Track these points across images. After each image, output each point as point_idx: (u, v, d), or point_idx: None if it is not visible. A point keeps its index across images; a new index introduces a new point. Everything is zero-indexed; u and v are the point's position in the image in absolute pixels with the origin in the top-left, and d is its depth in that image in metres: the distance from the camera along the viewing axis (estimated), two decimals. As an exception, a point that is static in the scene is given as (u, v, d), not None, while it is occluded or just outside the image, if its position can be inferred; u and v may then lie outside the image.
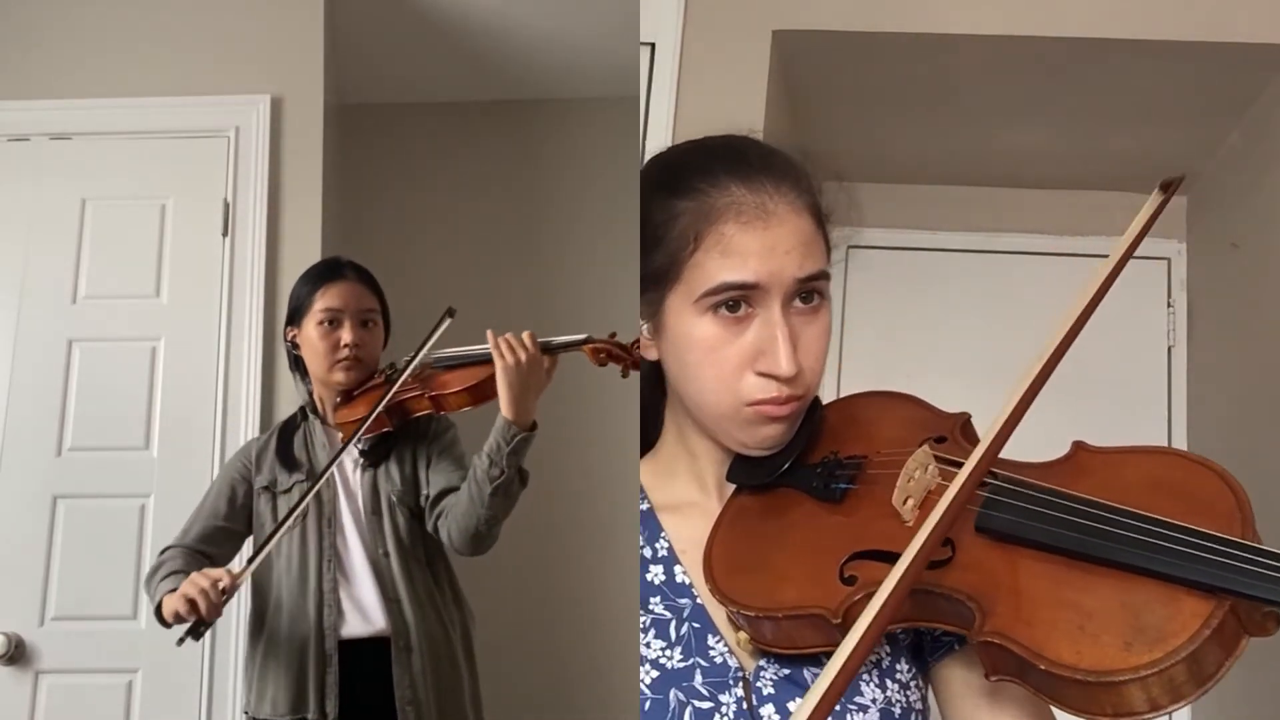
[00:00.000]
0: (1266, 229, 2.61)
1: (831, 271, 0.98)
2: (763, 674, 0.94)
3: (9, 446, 2.42)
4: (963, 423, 1.00)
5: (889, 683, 0.95)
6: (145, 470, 2.41)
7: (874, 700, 0.93)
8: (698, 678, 0.93)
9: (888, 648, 0.97)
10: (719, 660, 0.94)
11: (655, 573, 1.00)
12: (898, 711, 0.94)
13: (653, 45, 2.46)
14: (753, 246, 0.92)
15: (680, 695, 0.92)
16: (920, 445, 0.94)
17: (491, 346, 1.61)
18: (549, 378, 1.63)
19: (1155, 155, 2.93)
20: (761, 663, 0.94)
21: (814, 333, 0.96)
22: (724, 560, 0.97)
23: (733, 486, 1.03)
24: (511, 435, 1.61)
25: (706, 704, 0.92)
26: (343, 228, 2.76)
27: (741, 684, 0.93)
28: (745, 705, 0.92)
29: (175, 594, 1.60)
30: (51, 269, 2.51)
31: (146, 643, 2.32)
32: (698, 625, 0.96)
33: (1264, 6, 2.34)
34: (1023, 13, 2.42)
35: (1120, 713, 0.75)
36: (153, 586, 1.72)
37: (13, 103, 2.59)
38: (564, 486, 2.68)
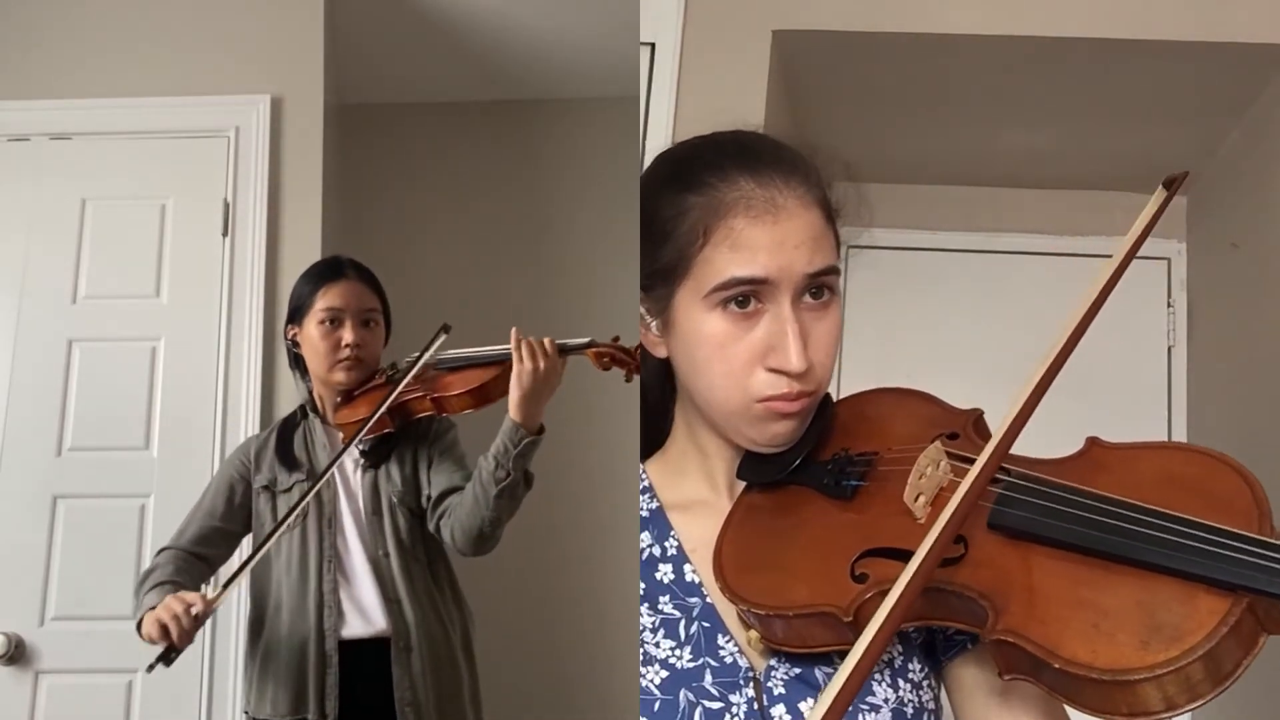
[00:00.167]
0: (1266, 229, 2.61)
1: (841, 267, 0.97)
2: (773, 674, 0.93)
3: (9, 446, 2.42)
4: (975, 419, 0.99)
5: (901, 682, 0.94)
6: (145, 470, 2.41)
7: (886, 700, 0.92)
8: (708, 677, 0.93)
9: (900, 646, 0.96)
10: (729, 660, 0.94)
11: (664, 572, 0.99)
12: (910, 711, 0.93)
13: (653, 45, 2.46)
14: (762, 241, 0.91)
15: (690, 695, 0.91)
16: (932, 442, 0.92)
17: (513, 346, 1.59)
18: (559, 382, 1.63)
19: (1155, 155, 2.93)
20: (772, 662, 0.94)
21: (824, 328, 0.94)
22: (734, 558, 0.96)
23: (743, 484, 1.02)
24: (519, 438, 1.61)
25: (717, 704, 0.91)
26: (343, 228, 2.75)
27: (752, 684, 0.93)
28: (756, 706, 0.92)
29: (150, 615, 1.59)
30: (51, 269, 2.51)
31: (146, 644, 2.32)
32: (707, 625, 0.96)
33: (1264, 6, 2.34)
34: (1023, 13, 2.42)
35: (1136, 712, 0.74)
36: (140, 597, 1.71)
37: (13, 103, 2.59)
38: (564, 487, 2.68)
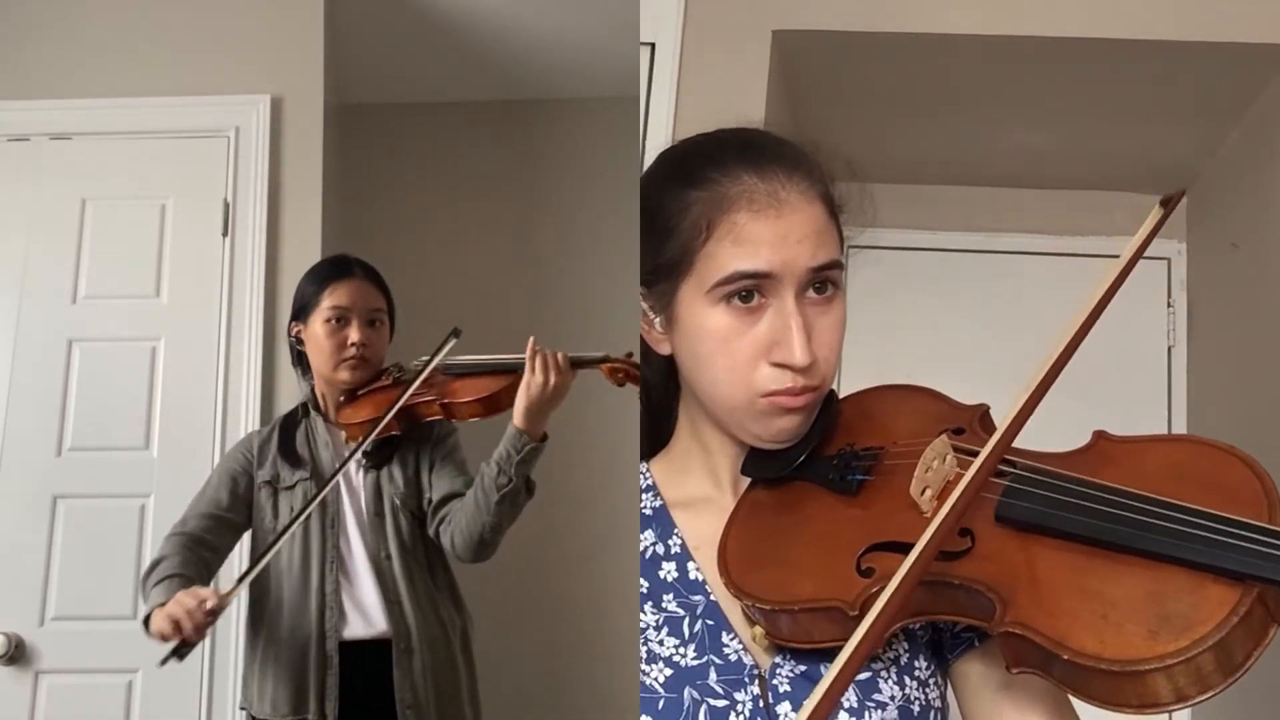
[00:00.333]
0: (1266, 229, 2.61)
1: (845, 262, 0.97)
2: (779, 671, 0.93)
3: (9, 446, 2.42)
4: (981, 414, 0.99)
5: (908, 680, 0.94)
6: (145, 470, 2.41)
7: (892, 697, 0.92)
8: (712, 675, 0.92)
9: (906, 644, 0.95)
10: (734, 658, 0.93)
11: (668, 570, 0.99)
12: (916, 709, 0.93)
13: (653, 45, 2.46)
14: (765, 235, 0.91)
15: (694, 693, 0.91)
16: (938, 436, 0.92)
17: (528, 356, 1.59)
18: (566, 394, 1.63)
19: (1155, 155, 2.93)
20: (777, 660, 0.93)
21: (828, 323, 0.94)
22: (739, 554, 0.95)
23: (747, 482, 1.02)
24: (523, 445, 1.61)
25: (722, 702, 0.91)
26: (343, 228, 2.75)
27: (757, 681, 0.92)
28: (762, 703, 0.91)
29: (161, 611, 1.58)
30: (51, 269, 2.51)
31: (146, 643, 2.29)
32: (711, 622, 0.95)
33: (1264, 6, 2.34)
34: (1023, 13, 2.42)
35: (1146, 703, 0.73)
36: (147, 588, 1.70)
37: (13, 103, 2.58)
38: (563, 488, 2.67)
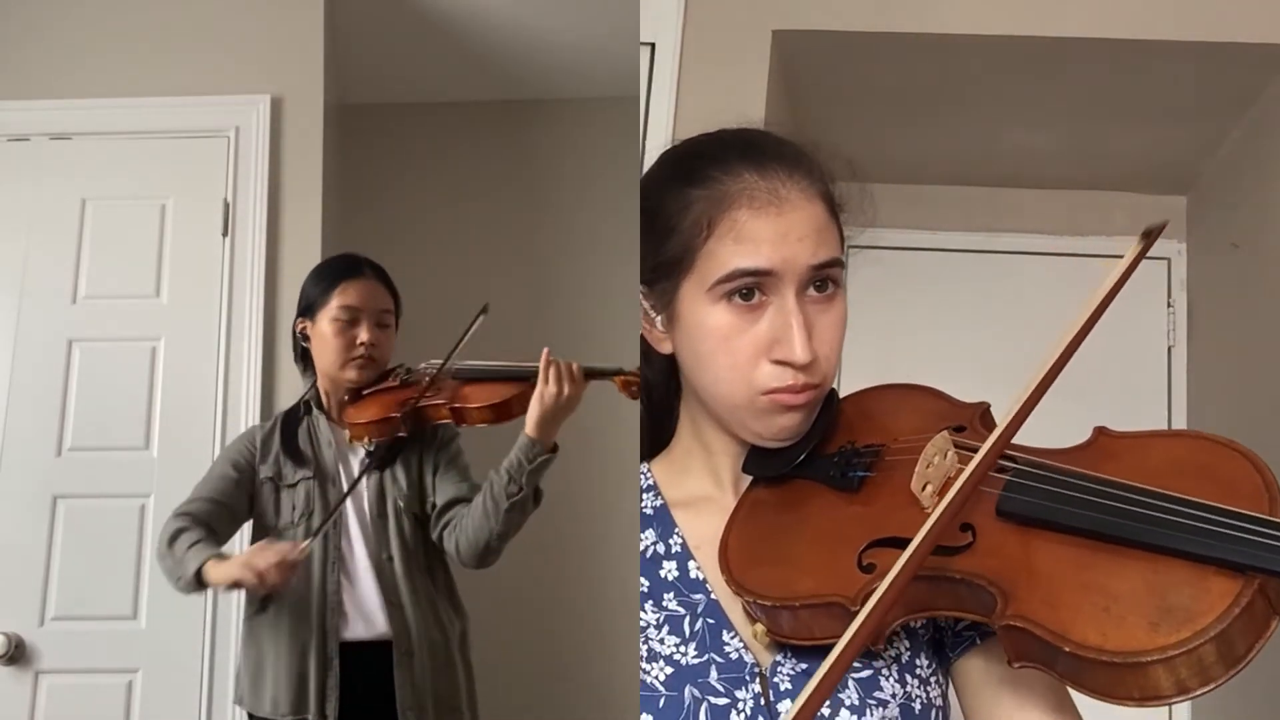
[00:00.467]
0: (1266, 229, 2.61)
1: (845, 261, 0.97)
2: (780, 669, 0.93)
3: (9, 446, 2.41)
4: (982, 412, 0.99)
5: (909, 678, 0.94)
6: (145, 470, 2.40)
7: (894, 695, 0.92)
8: (713, 674, 0.92)
9: (907, 642, 0.96)
10: (734, 656, 0.94)
11: (668, 569, 0.99)
12: (918, 707, 0.93)
13: (653, 45, 2.46)
14: (765, 233, 0.92)
15: (695, 691, 0.91)
16: (939, 433, 0.92)
17: (542, 366, 1.60)
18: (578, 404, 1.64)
19: (1155, 155, 2.93)
20: (778, 658, 0.94)
21: (829, 321, 0.95)
22: (740, 552, 0.96)
23: (748, 481, 1.02)
24: (535, 454, 1.62)
25: (723, 700, 0.91)
26: (343, 228, 2.75)
27: (758, 679, 0.92)
28: (763, 701, 0.91)
29: (234, 563, 1.59)
30: (51, 269, 2.51)
31: (146, 643, 2.32)
32: (712, 621, 0.96)
33: (1264, 6, 2.35)
34: (1023, 13, 2.42)
35: (1148, 695, 0.73)
36: (178, 554, 1.67)
37: (13, 103, 2.58)
38: (563, 491, 2.65)
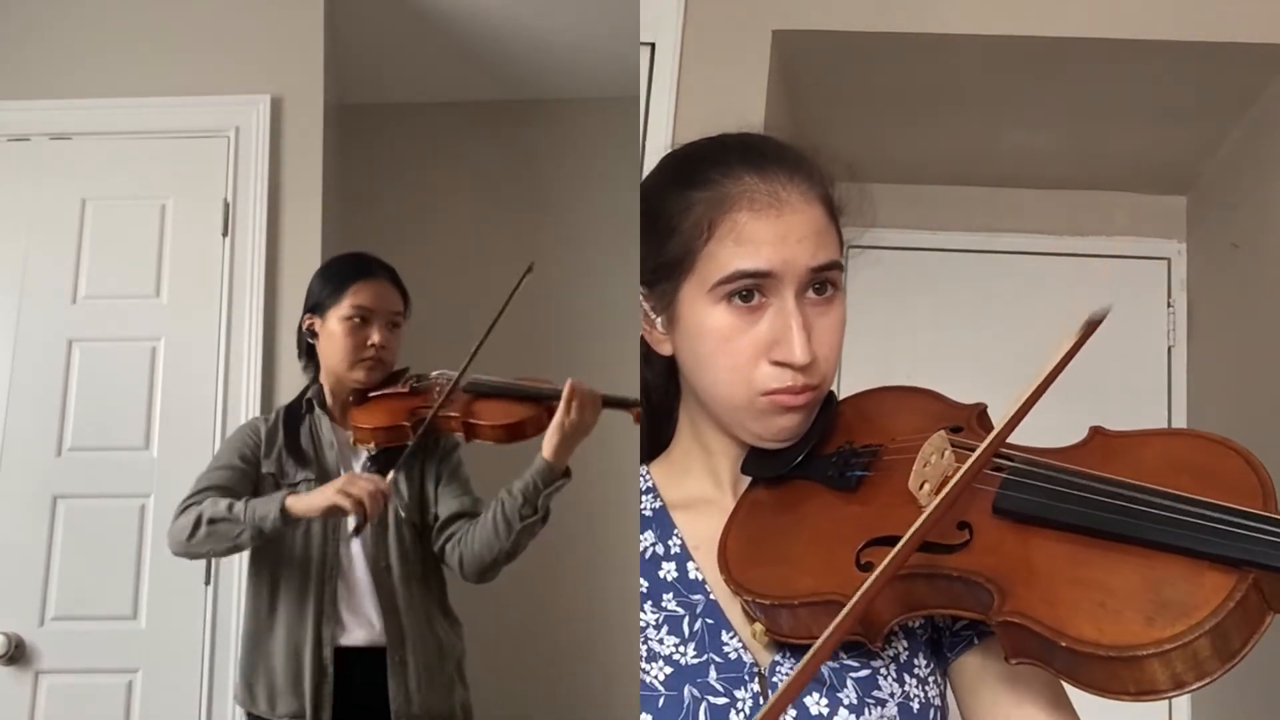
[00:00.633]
0: (1266, 229, 2.61)
1: (845, 264, 0.98)
2: (779, 669, 0.94)
3: (9, 446, 2.41)
4: (979, 413, 1.00)
5: (907, 677, 0.95)
6: (145, 470, 2.40)
7: (892, 694, 0.93)
8: (712, 673, 0.93)
9: (905, 642, 0.96)
10: (733, 656, 0.94)
11: (667, 570, 1.00)
12: (916, 706, 0.94)
13: (653, 45, 2.47)
14: (765, 235, 0.93)
15: (695, 691, 0.92)
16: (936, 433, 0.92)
17: (566, 395, 1.60)
18: None
19: (1155, 155, 2.93)
20: (777, 657, 0.94)
21: (828, 323, 0.95)
22: (739, 551, 0.96)
23: (747, 483, 1.03)
24: (550, 479, 1.63)
25: (722, 699, 0.91)
26: (343, 228, 2.75)
27: (757, 679, 0.93)
28: (762, 700, 0.92)
29: (327, 493, 1.60)
30: (51, 269, 2.51)
31: (146, 643, 2.32)
32: (711, 621, 0.96)
33: (1264, 6, 2.35)
34: (1023, 13, 2.42)
35: (1143, 690, 0.74)
36: (233, 513, 1.65)
37: (13, 103, 2.58)
38: (562, 496, 2.64)
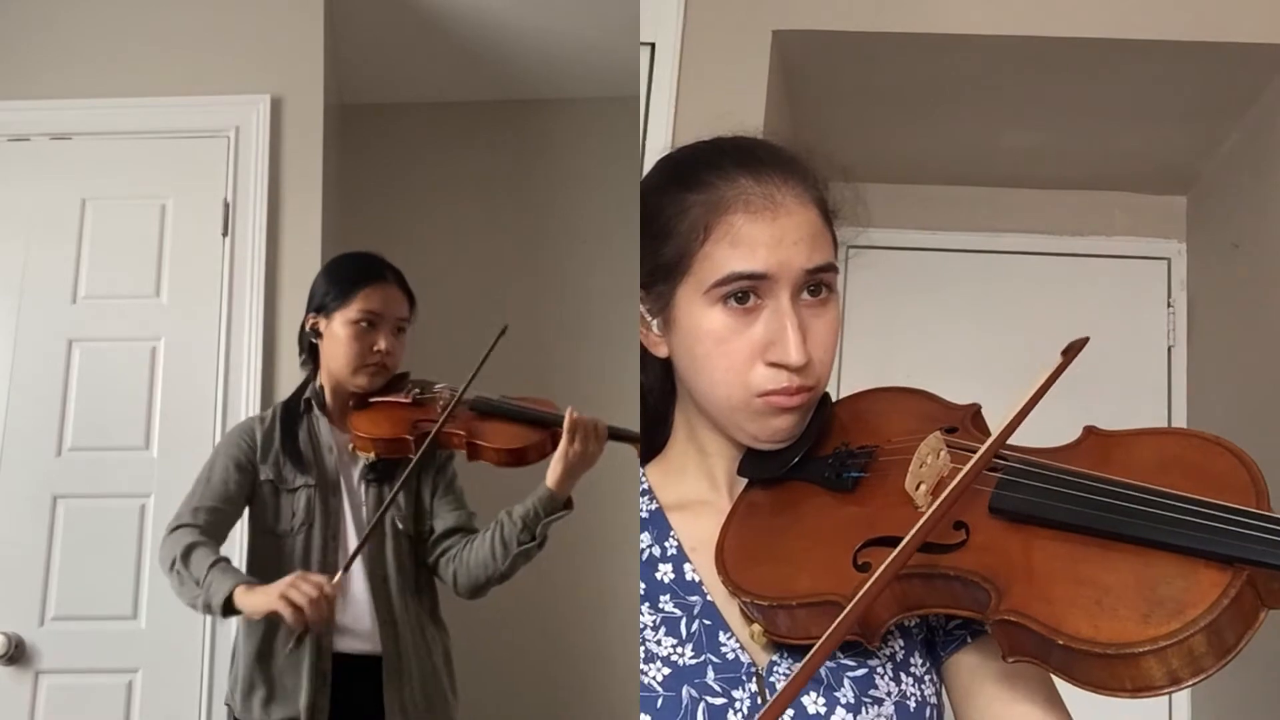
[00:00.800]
0: (1266, 229, 2.61)
1: (839, 266, 0.99)
2: (776, 669, 0.94)
3: (9, 446, 2.41)
4: (973, 413, 1.00)
5: (904, 676, 0.95)
6: (145, 470, 2.40)
7: (889, 693, 0.93)
8: (710, 674, 0.93)
9: (902, 641, 0.97)
10: (731, 656, 0.95)
11: (664, 571, 1.00)
12: (913, 705, 0.94)
13: (653, 45, 2.47)
14: (761, 237, 0.93)
15: (693, 692, 0.92)
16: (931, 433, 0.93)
17: (567, 428, 1.60)
18: None
19: (1155, 155, 2.93)
20: (775, 658, 0.95)
21: (823, 325, 0.96)
22: (736, 552, 0.97)
23: (744, 484, 1.03)
24: (553, 509, 1.63)
25: (720, 700, 0.92)
26: (343, 228, 2.75)
27: (755, 679, 0.93)
28: (760, 701, 0.92)
29: (270, 596, 1.54)
30: (51, 269, 2.50)
31: (146, 643, 2.32)
32: (708, 622, 0.97)
33: (1264, 6, 2.35)
34: (1023, 13, 2.42)
35: (1139, 686, 0.74)
36: (196, 572, 1.62)
37: (13, 103, 2.58)
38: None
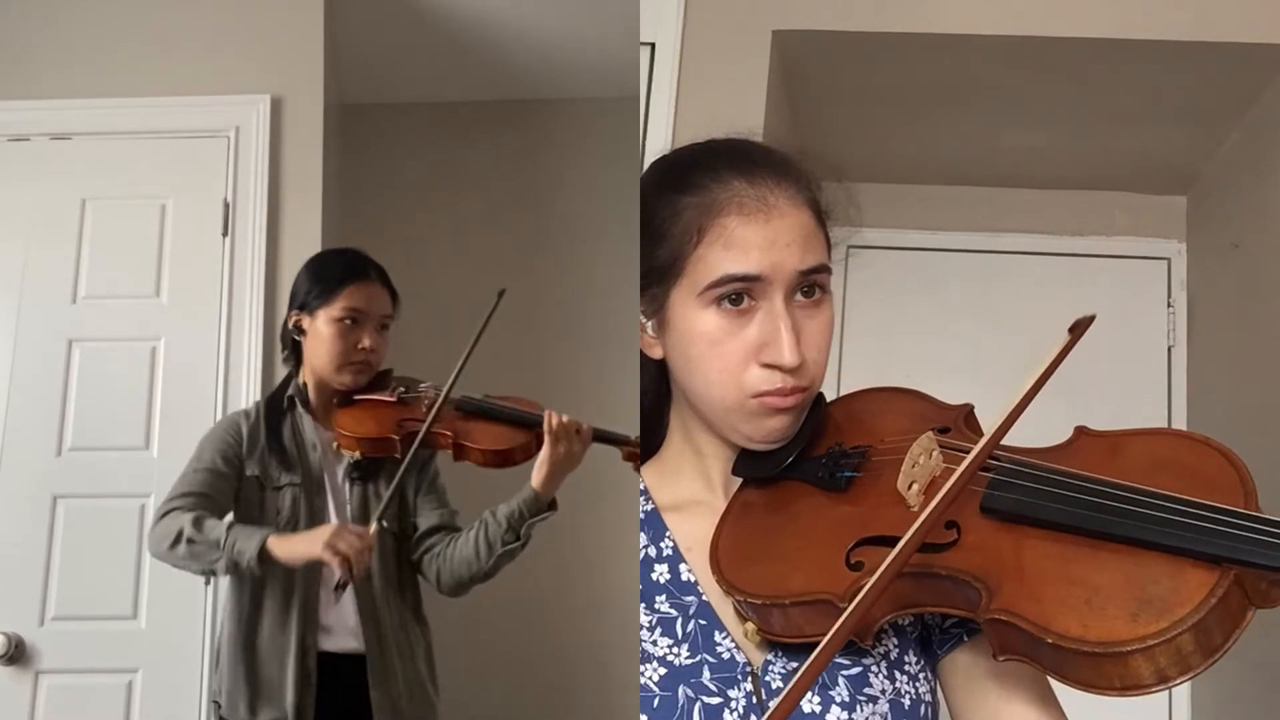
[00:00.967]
0: (1266, 229, 2.61)
1: (833, 268, 0.99)
2: (771, 668, 0.94)
3: (9, 446, 2.41)
4: (966, 413, 1.01)
5: (898, 674, 0.96)
6: (145, 470, 2.40)
7: (883, 691, 0.94)
8: (705, 673, 0.94)
9: (896, 639, 0.97)
10: (726, 656, 0.95)
11: (660, 571, 1.01)
12: (907, 702, 0.95)
13: (653, 45, 2.46)
14: (754, 239, 0.94)
15: (689, 691, 0.92)
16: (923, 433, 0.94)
17: (549, 431, 1.61)
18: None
19: (1155, 155, 2.93)
20: (769, 656, 0.95)
21: (816, 326, 0.97)
22: (731, 551, 0.97)
23: (738, 484, 1.04)
24: (537, 509, 1.64)
25: (715, 699, 0.92)
26: (343, 228, 2.75)
27: (750, 678, 0.94)
28: (755, 699, 0.93)
29: (313, 544, 1.58)
30: (51, 269, 2.50)
31: (146, 643, 2.32)
32: (704, 622, 0.97)
33: (1264, 6, 2.35)
34: (1023, 13, 2.42)
35: (1128, 685, 0.75)
36: (214, 535, 1.64)
37: (13, 103, 2.58)
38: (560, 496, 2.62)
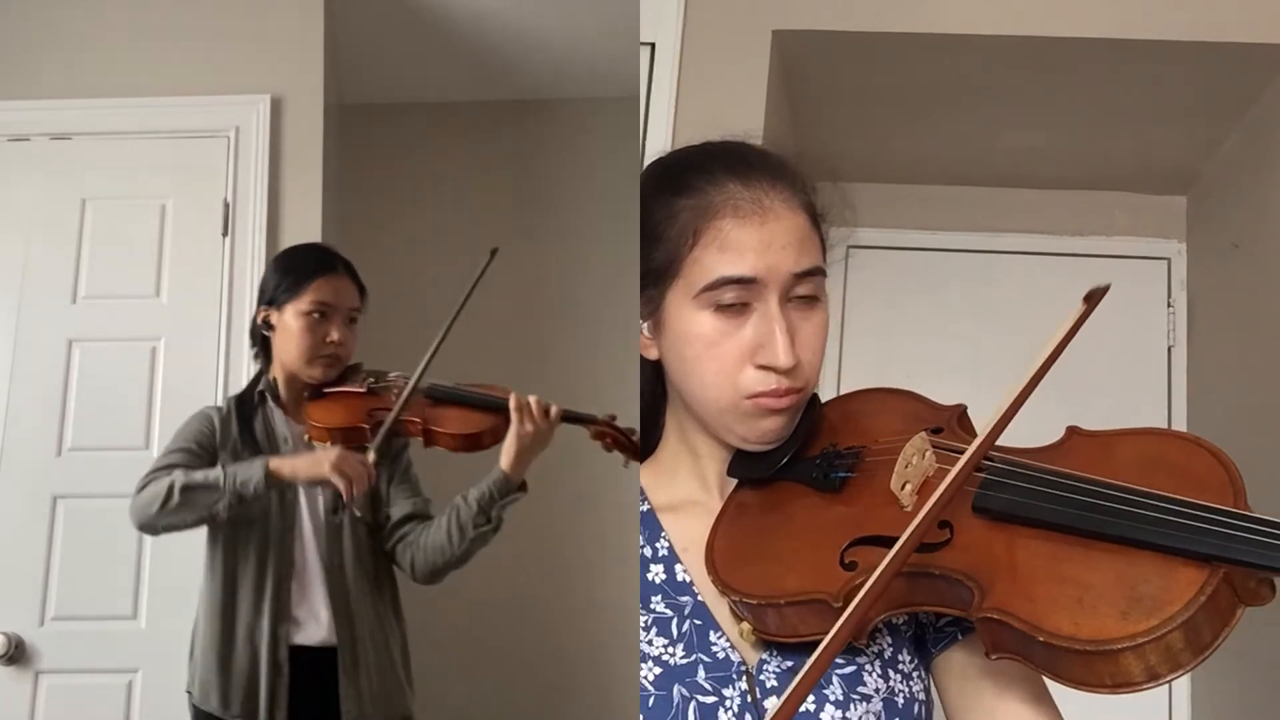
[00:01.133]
0: (1266, 229, 2.61)
1: (828, 270, 1.00)
2: (765, 667, 0.95)
3: (9, 446, 2.41)
4: (959, 414, 1.02)
5: (892, 673, 0.96)
6: (145, 470, 2.40)
7: (877, 689, 0.94)
8: (700, 673, 0.94)
9: (889, 638, 0.98)
10: (721, 655, 0.95)
11: (656, 572, 1.01)
12: (901, 701, 0.95)
13: (653, 45, 2.46)
14: (750, 241, 0.94)
15: (684, 691, 0.93)
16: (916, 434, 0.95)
17: (514, 409, 1.61)
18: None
19: (1155, 155, 2.93)
20: (764, 656, 0.95)
21: (811, 328, 0.98)
22: (726, 552, 0.98)
23: (733, 484, 1.05)
24: (506, 490, 1.65)
25: (710, 698, 0.93)
26: (343, 228, 2.75)
27: (745, 678, 0.94)
28: (750, 699, 0.93)
29: (320, 465, 1.61)
30: (51, 269, 2.50)
31: (146, 643, 2.32)
32: (699, 622, 0.97)
33: (1264, 6, 2.35)
34: (1023, 13, 2.42)
35: (1119, 682, 0.76)
36: (211, 478, 1.66)
37: (13, 103, 2.58)
38: (559, 496, 2.62)
